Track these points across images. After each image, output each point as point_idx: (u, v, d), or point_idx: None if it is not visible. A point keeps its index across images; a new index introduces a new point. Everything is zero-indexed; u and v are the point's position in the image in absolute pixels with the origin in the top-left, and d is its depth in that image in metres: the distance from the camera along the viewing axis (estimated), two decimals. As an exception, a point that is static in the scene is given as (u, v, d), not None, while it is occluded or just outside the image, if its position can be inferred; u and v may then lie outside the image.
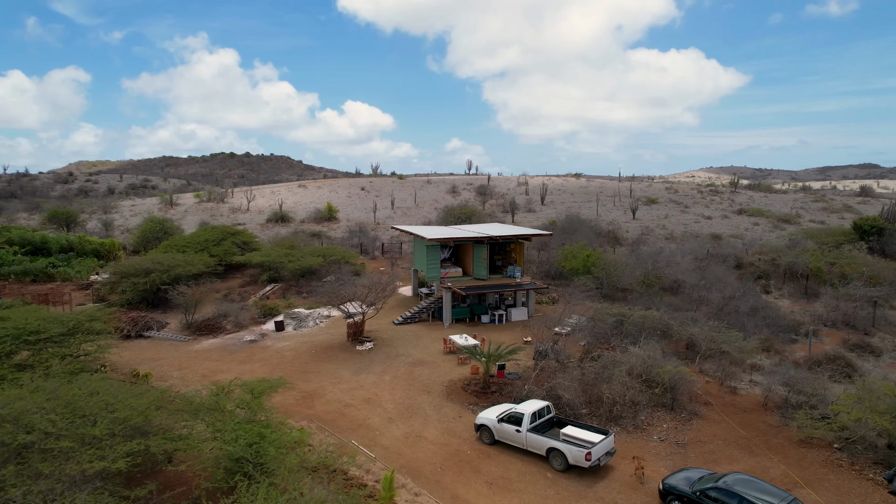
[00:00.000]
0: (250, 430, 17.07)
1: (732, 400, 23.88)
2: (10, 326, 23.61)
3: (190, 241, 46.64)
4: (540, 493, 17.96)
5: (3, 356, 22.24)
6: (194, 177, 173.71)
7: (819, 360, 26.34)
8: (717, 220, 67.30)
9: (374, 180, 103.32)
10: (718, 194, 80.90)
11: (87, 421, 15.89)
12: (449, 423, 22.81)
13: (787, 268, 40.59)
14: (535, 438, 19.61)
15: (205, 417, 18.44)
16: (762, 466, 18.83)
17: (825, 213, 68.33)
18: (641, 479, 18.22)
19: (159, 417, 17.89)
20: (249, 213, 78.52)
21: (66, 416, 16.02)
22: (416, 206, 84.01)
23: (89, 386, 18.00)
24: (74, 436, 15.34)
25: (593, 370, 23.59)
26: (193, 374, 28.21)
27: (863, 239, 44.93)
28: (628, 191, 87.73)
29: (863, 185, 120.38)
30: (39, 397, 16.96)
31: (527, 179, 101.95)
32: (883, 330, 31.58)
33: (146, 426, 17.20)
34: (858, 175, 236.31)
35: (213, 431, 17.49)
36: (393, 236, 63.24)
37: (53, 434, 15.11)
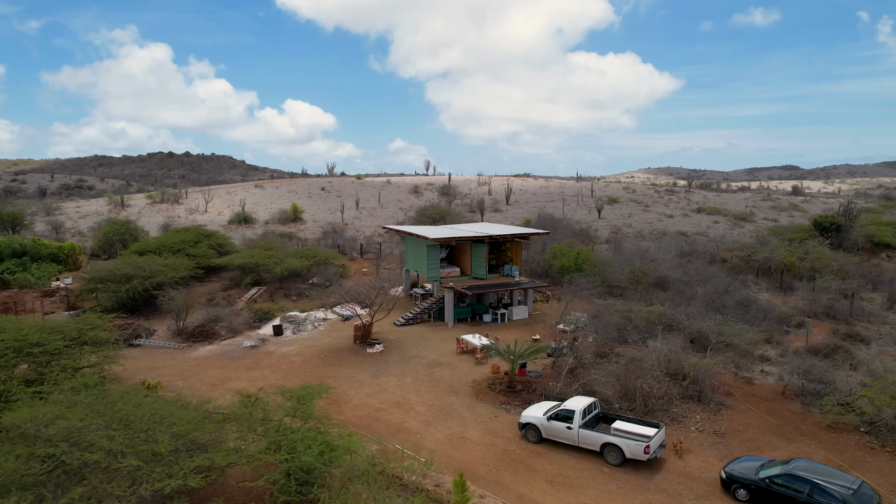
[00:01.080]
0: (316, 439, 16.41)
1: (751, 390, 24.91)
2: (8, 338, 21.72)
3: (164, 243, 44.33)
4: (602, 489, 18.15)
5: (6, 371, 20.46)
6: (132, 177, 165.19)
7: (819, 350, 27.87)
8: (678, 219, 70.03)
9: (332, 180, 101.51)
10: (675, 194, 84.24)
11: (146, 436, 14.82)
12: (487, 423, 22.70)
13: (762, 263, 42.73)
14: (588, 434, 19.80)
15: (255, 428, 17.61)
16: (803, 452, 19.75)
17: (775, 211, 72.46)
18: (681, 455, 19.01)
19: (209, 430, 16.92)
20: (208, 215, 75.48)
21: (122, 431, 14.91)
22: (381, 207, 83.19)
23: (133, 399, 16.81)
24: (138, 453, 14.29)
25: (623, 365, 24.02)
26: (201, 384, 26.83)
27: (822, 235, 47.91)
28: (588, 191, 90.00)
29: (794, 186, 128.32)
30: (79, 413, 15.70)
31: (488, 180, 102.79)
32: (863, 320, 33.76)
33: (203, 440, 16.23)
34: (782, 176, 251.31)
35: (271, 442, 16.67)
36: (366, 236, 62.35)
37: (117, 452, 14.01)
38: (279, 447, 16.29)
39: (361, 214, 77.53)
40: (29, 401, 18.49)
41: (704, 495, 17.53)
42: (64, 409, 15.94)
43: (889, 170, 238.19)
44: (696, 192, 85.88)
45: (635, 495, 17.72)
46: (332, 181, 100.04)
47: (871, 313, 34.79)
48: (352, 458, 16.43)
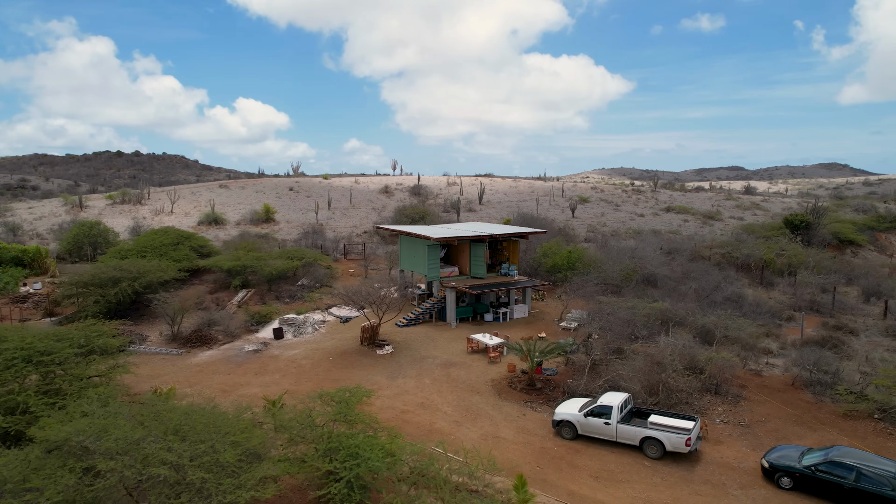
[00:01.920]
0: (376, 443, 16.06)
1: (761, 381, 25.84)
2: (14, 347, 20.38)
3: (145, 245, 42.51)
4: (648, 482, 18.47)
5: (18, 381, 19.22)
6: (78, 177, 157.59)
7: (815, 342, 29.16)
8: (649, 218, 71.97)
9: (300, 180, 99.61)
10: (642, 193, 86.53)
11: (207, 447, 14.15)
12: (516, 421, 22.75)
13: (742, 260, 44.40)
14: (627, 429, 20.11)
15: (305, 434, 17.12)
16: (828, 439, 20.62)
17: (739, 210, 75.46)
18: (706, 437, 20.31)
19: (262, 439, 16.31)
20: (175, 216, 72.83)
21: (180, 443, 14.19)
22: (353, 207, 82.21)
23: (182, 409, 16.05)
24: (202, 464, 13.63)
25: (645, 360, 24.50)
26: (211, 390, 25.80)
27: (793, 232, 50.20)
28: (555, 190, 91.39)
29: (745, 186, 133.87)
30: (126, 424, 14.89)
31: (457, 180, 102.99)
32: (845, 312, 35.54)
33: (258, 449, 15.61)
34: (729, 176, 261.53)
35: (326, 449, 16.19)
36: (344, 237, 61.41)
37: (182, 465, 13.32)
38: (336, 453, 15.86)
39: (335, 215, 76.38)
40: (58, 413, 17.47)
41: (748, 485, 18.07)
42: (106, 420, 15.08)
43: (825, 171, 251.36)
44: (661, 192, 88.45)
45: (681, 487, 18.11)
46: (299, 181, 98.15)
47: (851, 306, 36.66)
48: (414, 462, 16.17)
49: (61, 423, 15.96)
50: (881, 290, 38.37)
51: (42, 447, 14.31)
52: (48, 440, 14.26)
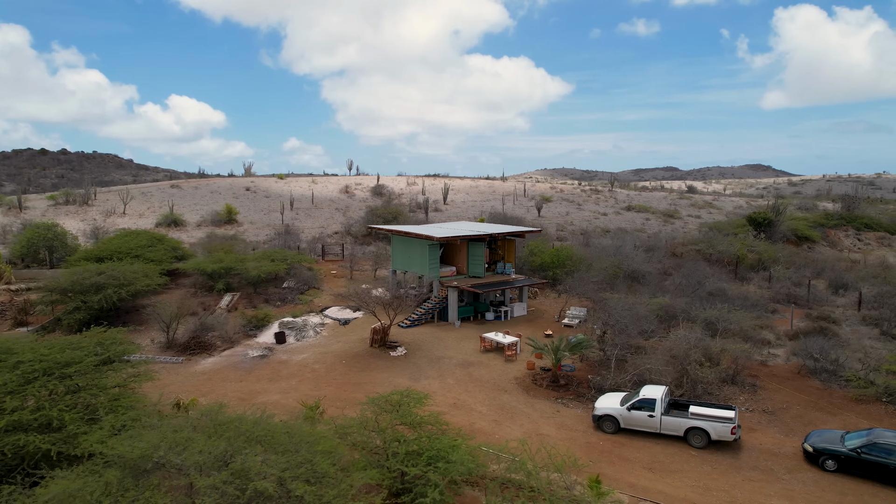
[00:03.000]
0: (458, 447, 15.82)
1: (769, 371, 27.17)
2: (31, 360, 18.79)
3: (119, 247, 40.06)
4: (699, 471, 19.07)
5: (47, 397, 17.74)
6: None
7: (808, 332, 30.92)
8: (612, 216, 74.15)
9: (255, 180, 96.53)
10: (600, 193, 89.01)
11: (303, 458, 13.49)
12: (553, 418, 22.96)
13: (716, 256, 46.49)
14: (671, 420, 20.69)
15: (370, 439, 16.69)
16: (851, 423, 21.94)
17: (695, 208, 78.95)
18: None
19: (341, 446, 15.73)
20: (128, 218, 69.07)
21: (271, 455, 13.48)
22: (315, 208, 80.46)
23: (252, 419, 15.24)
24: (299, 476, 13.01)
25: (665, 354, 25.26)
26: (227, 399, 24.61)
27: (756, 229, 53.03)
28: (517, 190, 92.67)
29: (689, 185, 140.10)
30: (201, 437, 14.05)
31: (415, 180, 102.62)
32: (821, 304, 37.86)
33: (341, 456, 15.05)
34: (664, 176, 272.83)
35: (407, 453, 15.78)
36: (313, 237, 59.97)
37: (284, 478, 12.64)
38: (417, 457, 15.51)
39: (298, 216, 74.50)
40: (98, 429, 16.28)
41: (794, 469, 18.97)
42: (179, 433, 14.15)
43: (751, 171, 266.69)
44: (618, 192, 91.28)
45: (733, 474, 18.80)
46: (254, 181, 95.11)
47: (824, 298, 39.09)
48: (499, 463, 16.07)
49: (117, 438, 14.93)
50: (846, 283, 41.10)
51: (116, 466, 13.27)
52: (123, 457, 13.23)
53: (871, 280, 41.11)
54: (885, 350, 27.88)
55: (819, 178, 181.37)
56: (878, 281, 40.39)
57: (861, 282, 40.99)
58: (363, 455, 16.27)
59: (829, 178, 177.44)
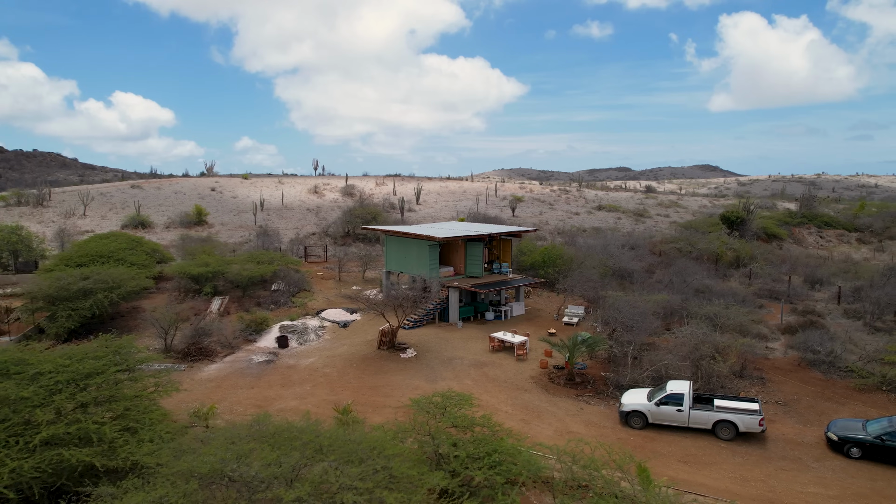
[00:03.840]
0: (520, 449, 15.79)
1: (771, 364, 28.23)
2: (52, 371, 17.70)
3: (98, 251, 38.17)
4: (733, 462, 19.65)
5: (80, 408, 16.76)
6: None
7: (799, 325, 32.29)
8: (584, 216, 75.52)
9: (219, 181, 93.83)
10: (569, 192, 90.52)
11: (378, 465, 13.17)
12: (578, 415, 23.21)
13: (696, 253, 47.99)
14: (700, 414, 21.23)
15: (424, 442, 16.48)
16: (861, 411, 23.04)
17: (662, 207, 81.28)
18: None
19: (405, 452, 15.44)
20: (90, 219, 66.04)
21: (347, 466, 13.11)
22: (286, 208, 78.87)
23: (310, 427, 14.78)
24: (378, 482, 12.70)
25: (677, 349, 25.92)
26: (241, 407, 23.96)
27: (729, 227, 55.05)
28: (488, 190, 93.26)
29: (647, 185, 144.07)
30: (266, 448, 13.56)
31: (386, 181, 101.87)
32: (802, 299, 39.59)
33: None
34: (618, 176, 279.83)
35: (468, 455, 15.63)
36: (289, 238, 58.70)
37: (368, 489, 12.30)
38: (478, 460, 15.38)
39: (270, 216, 72.82)
40: (142, 442, 15.55)
41: (821, 457, 19.79)
42: (244, 445, 13.62)
43: (701, 172, 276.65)
44: (585, 192, 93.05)
45: (765, 465, 19.45)
46: (218, 181, 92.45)
47: (803, 293, 40.91)
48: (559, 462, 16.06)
49: (167, 450, 14.29)
50: (820, 278, 43.14)
51: (182, 480, 12.63)
52: (191, 472, 12.60)
53: (842, 275, 43.26)
54: (873, 342, 29.33)
55: (765, 178, 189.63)
56: (848, 276, 42.53)
57: (833, 277, 43.09)
58: (420, 459, 16.02)
59: (775, 178, 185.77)
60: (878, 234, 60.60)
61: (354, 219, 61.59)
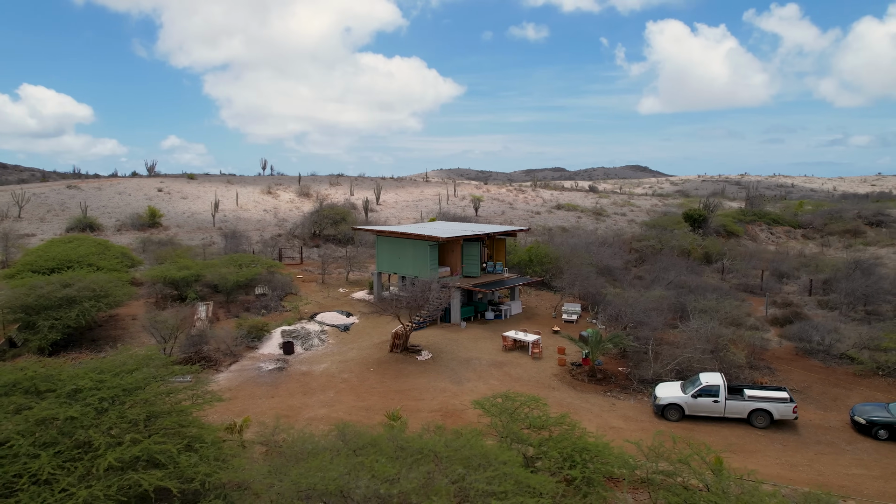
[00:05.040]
0: (608, 447, 15.81)
1: (772, 354, 29.70)
2: (91, 388, 16.17)
3: (68, 256, 35.30)
4: (774, 449, 20.49)
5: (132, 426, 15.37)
6: None
7: (783, 318, 34.16)
8: (545, 215, 76.89)
9: (164, 181, 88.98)
10: (524, 192, 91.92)
11: (501, 471, 12.78)
12: (613, 410, 23.55)
13: (668, 250, 49.87)
14: (735, 404, 22.01)
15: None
16: (869, 396, 24.60)
17: (617, 206, 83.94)
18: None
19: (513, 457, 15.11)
20: (27, 222, 60.99)
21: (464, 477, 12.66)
22: (242, 209, 75.86)
23: (412, 437, 14.20)
24: (518, 490, 12.37)
25: (691, 343, 26.81)
26: (268, 418, 22.76)
27: (692, 225, 57.57)
28: (448, 190, 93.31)
29: (590, 185, 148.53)
30: (383, 460, 12.94)
31: (339, 181, 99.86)
32: (775, 292, 41.92)
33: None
34: (553, 177, 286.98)
35: (562, 455, 15.51)
36: (253, 241, 56.47)
37: (497, 491, 11.93)
38: (569, 459, 15.30)
39: (228, 218, 69.80)
40: (206, 460, 14.49)
41: (851, 440, 20.98)
42: (354, 460, 12.92)
43: (632, 172, 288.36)
44: (540, 191, 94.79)
45: (804, 449, 20.41)
46: (163, 181, 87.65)
47: (774, 286, 43.32)
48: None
49: (264, 468, 13.40)
50: (785, 272, 45.85)
51: (300, 499, 11.82)
52: (311, 489, 11.79)
53: (802, 269, 46.14)
54: (855, 331, 31.38)
55: (695, 178, 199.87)
56: (810, 269, 45.42)
57: (796, 270, 45.88)
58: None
59: (704, 178, 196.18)
60: (818, 231, 65.25)
61: (322, 219, 60.00)
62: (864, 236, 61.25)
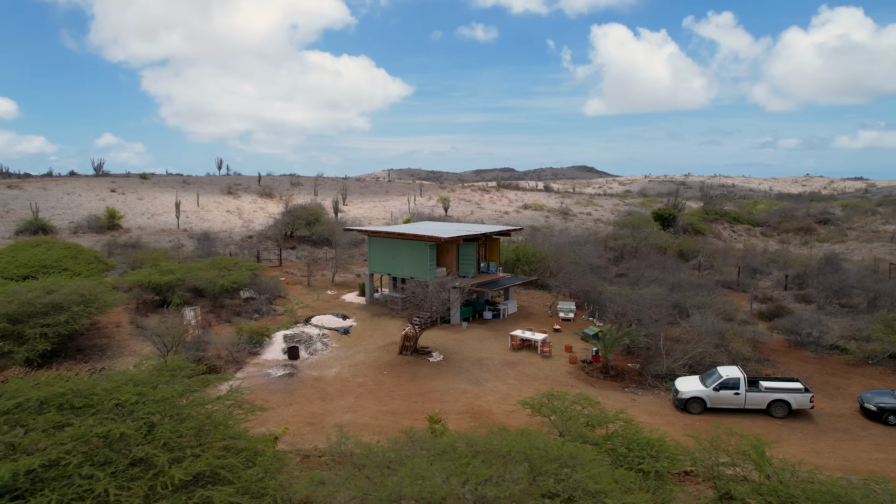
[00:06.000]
0: (661, 441, 16.05)
1: (766, 346, 30.95)
2: (132, 400, 15.15)
3: (41, 260, 33.02)
4: (796, 437, 21.35)
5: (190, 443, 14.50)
6: None
7: (769, 311, 35.69)
8: (514, 214, 77.66)
9: (116, 180, 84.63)
10: (488, 193, 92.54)
11: (597, 472, 12.73)
12: (636, 406, 23.93)
13: (644, 249, 51.27)
14: (755, 396, 22.80)
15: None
16: (867, 384, 25.97)
17: (581, 206, 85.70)
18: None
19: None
20: (-30, 225, 56.71)
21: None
22: (202, 209, 73.12)
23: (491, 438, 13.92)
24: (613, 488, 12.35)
25: (699, 337, 27.65)
26: (294, 426, 22.00)
27: (661, 224, 59.42)
28: (413, 189, 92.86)
29: (547, 185, 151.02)
30: (476, 463, 12.68)
31: (301, 180, 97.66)
32: (752, 287, 43.71)
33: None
34: (502, 177, 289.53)
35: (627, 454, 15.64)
36: (225, 243, 54.49)
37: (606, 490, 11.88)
38: (639, 453, 15.46)
39: (190, 219, 67.07)
40: (269, 475, 13.90)
41: (865, 426, 22.10)
42: (454, 463, 12.59)
43: (579, 172, 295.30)
44: (504, 192, 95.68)
45: (823, 437, 21.36)
46: (115, 181, 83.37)
47: (749, 282, 45.22)
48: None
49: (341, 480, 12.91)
50: (756, 268, 47.96)
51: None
52: (418, 498, 11.38)
53: (771, 265, 48.39)
54: (836, 323, 33.14)
55: (641, 178, 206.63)
56: (778, 265, 47.67)
57: (766, 266, 48.07)
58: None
59: (650, 178, 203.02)
60: (775, 228, 68.72)
61: (295, 220, 58.52)
62: (817, 233, 64.98)
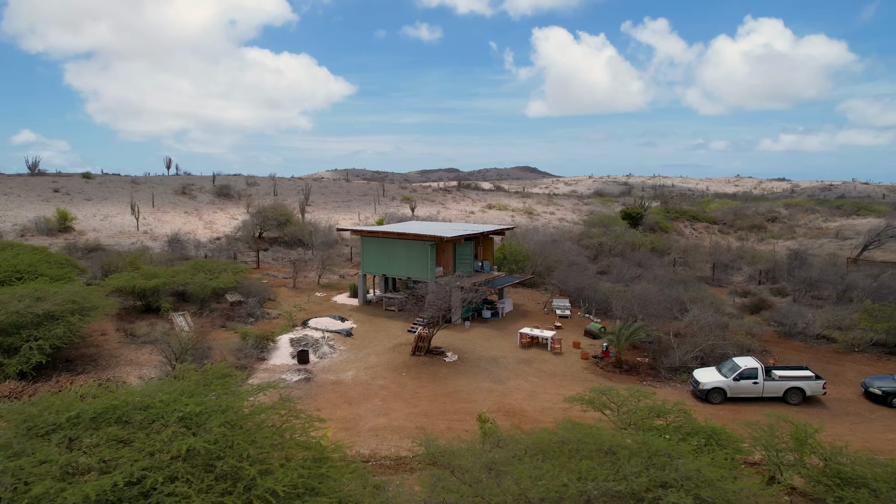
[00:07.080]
0: (714, 428, 16.58)
1: (759, 337, 32.38)
2: (199, 412, 14.28)
3: (16, 265, 30.53)
4: (815, 423, 22.45)
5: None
6: None
7: (752, 305, 37.43)
8: (479, 214, 78.14)
9: (58, 180, 79.37)
10: (450, 193, 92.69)
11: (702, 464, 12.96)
12: (659, 398, 24.54)
13: (618, 248, 52.72)
14: (772, 384, 23.85)
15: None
16: (861, 370, 27.63)
17: (543, 205, 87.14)
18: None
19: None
20: None
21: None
22: (160, 211, 69.74)
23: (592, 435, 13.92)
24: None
25: (701, 330, 28.71)
26: (330, 433, 21.30)
27: (630, 223, 61.27)
28: (377, 189, 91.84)
29: (496, 185, 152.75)
30: (578, 461, 12.69)
31: (258, 180, 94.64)
32: (728, 283, 45.69)
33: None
34: (448, 177, 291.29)
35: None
36: (194, 244, 52.16)
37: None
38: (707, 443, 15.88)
39: (148, 220, 63.79)
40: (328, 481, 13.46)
41: (872, 409, 23.53)
42: (574, 462, 12.53)
43: (522, 173, 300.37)
44: (465, 192, 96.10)
45: (840, 421, 22.58)
46: (56, 181, 78.21)
47: (723, 277, 47.27)
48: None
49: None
50: (725, 263, 50.20)
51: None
52: (542, 499, 11.23)
53: (740, 261, 50.78)
54: (818, 315, 35.12)
55: (586, 178, 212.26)
56: (747, 261, 50.08)
57: (734, 262, 50.40)
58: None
59: (594, 178, 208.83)
60: (730, 226, 72.24)
61: (267, 221, 56.71)
62: (769, 231, 68.78)
